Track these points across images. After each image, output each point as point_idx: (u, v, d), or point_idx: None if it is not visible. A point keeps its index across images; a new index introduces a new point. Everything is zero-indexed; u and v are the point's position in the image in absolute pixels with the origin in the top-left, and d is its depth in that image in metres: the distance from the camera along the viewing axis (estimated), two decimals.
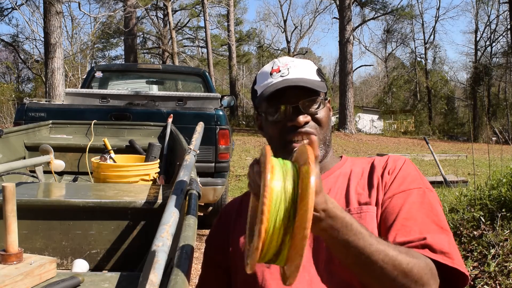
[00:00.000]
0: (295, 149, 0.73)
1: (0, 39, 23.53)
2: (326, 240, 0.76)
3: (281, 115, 0.97)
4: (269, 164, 0.66)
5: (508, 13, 25.51)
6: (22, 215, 1.31)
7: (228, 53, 28.81)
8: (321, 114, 0.98)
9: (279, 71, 0.99)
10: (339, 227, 0.73)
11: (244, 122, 24.60)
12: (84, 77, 5.60)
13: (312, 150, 0.68)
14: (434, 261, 0.82)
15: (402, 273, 0.77)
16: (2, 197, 1.06)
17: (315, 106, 0.97)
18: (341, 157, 1.09)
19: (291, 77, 0.97)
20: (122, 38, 24.71)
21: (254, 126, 23.13)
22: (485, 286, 2.62)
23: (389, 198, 0.92)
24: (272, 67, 1.01)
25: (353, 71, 22.49)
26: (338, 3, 22.06)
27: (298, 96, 0.96)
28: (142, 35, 29.74)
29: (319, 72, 1.03)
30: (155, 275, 0.82)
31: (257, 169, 0.70)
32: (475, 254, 2.85)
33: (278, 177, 0.66)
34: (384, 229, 0.89)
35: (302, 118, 0.95)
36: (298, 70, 0.99)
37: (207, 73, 5.66)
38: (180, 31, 30.08)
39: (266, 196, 0.63)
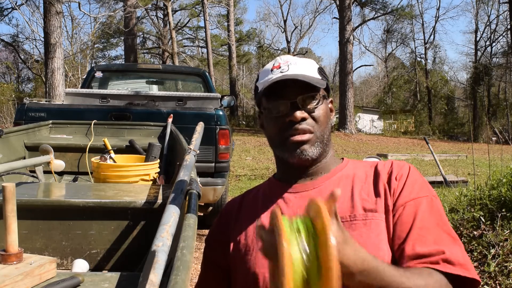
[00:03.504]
0: (308, 202, 0.69)
1: (0, 39, 23.56)
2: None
3: (279, 111, 0.97)
4: (282, 230, 0.64)
5: (508, 13, 25.51)
6: (22, 215, 1.30)
7: (228, 53, 28.80)
8: (319, 111, 0.98)
9: (280, 67, 1.00)
10: (373, 277, 0.74)
11: (244, 122, 24.60)
12: (84, 77, 5.59)
13: (325, 203, 0.66)
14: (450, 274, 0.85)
15: None
16: (2, 197, 1.06)
17: (314, 102, 0.97)
18: (342, 159, 1.09)
19: (290, 73, 0.97)
20: (122, 38, 24.72)
21: (254, 126, 23.09)
22: (485, 286, 2.62)
23: (401, 206, 0.93)
24: (274, 64, 1.02)
25: (353, 71, 22.49)
26: (338, 3, 22.06)
27: (297, 92, 0.96)
28: (142, 35, 29.76)
29: (321, 71, 1.04)
30: (155, 275, 0.82)
31: (269, 237, 0.69)
32: (475, 254, 2.85)
33: (294, 243, 0.64)
34: (398, 237, 0.91)
35: (299, 114, 0.95)
36: (298, 67, 0.99)
37: (207, 73, 5.66)
38: (180, 31, 30.08)
39: (285, 267, 0.61)
